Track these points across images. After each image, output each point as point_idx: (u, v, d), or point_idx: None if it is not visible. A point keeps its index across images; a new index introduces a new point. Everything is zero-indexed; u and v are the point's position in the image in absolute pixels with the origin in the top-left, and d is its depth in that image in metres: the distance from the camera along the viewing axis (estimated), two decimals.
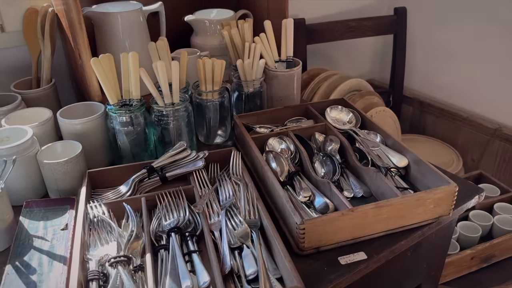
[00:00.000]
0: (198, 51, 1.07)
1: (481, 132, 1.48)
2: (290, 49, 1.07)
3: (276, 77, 1.03)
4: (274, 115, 0.99)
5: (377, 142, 0.85)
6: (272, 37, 1.04)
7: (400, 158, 0.81)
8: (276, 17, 1.14)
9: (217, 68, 0.93)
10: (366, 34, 1.54)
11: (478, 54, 1.46)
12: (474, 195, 0.79)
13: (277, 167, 0.79)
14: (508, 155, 1.42)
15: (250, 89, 0.98)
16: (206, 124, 0.96)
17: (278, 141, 0.88)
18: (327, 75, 1.40)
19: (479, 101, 1.51)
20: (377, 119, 1.30)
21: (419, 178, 0.78)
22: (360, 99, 1.30)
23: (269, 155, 0.81)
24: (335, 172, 0.80)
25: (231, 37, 0.99)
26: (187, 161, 0.81)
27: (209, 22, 1.09)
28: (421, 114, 1.67)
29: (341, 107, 0.96)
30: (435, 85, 1.64)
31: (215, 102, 0.94)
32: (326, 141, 0.89)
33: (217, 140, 0.99)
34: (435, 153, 1.52)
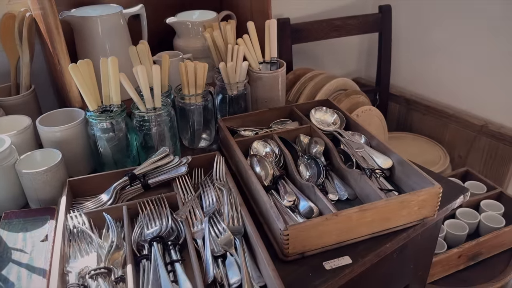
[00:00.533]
0: (181, 54, 1.06)
1: (467, 128, 1.48)
2: (274, 50, 1.06)
3: (260, 79, 1.02)
4: (259, 118, 0.98)
5: (361, 144, 0.85)
6: (256, 38, 1.03)
7: (384, 159, 0.80)
8: (260, 18, 1.13)
9: (200, 72, 0.91)
10: (351, 32, 1.54)
11: (464, 51, 1.46)
12: (459, 194, 0.79)
13: (261, 171, 0.78)
14: (495, 151, 1.43)
15: (234, 91, 0.97)
16: (190, 128, 0.95)
17: (262, 144, 0.87)
18: (313, 75, 1.39)
19: (466, 98, 1.51)
20: (363, 119, 1.30)
21: (404, 179, 0.77)
22: (346, 98, 1.30)
23: (253, 159, 0.80)
24: (320, 175, 0.80)
25: (213, 39, 0.98)
26: (170, 167, 0.80)
27: (191, 24, 1.08)
28: (407, 111, 1.67)
29: (326, 108, 0.96)
30: (421, 83, 1.64)
31: (199, 106, 0.93)
32: (311, 143, 0.88)
33: (202, 144, 0.98)
34: (422, 151, 1.53)
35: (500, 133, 1.39)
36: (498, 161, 1.43)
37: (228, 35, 0.98)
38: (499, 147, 1.41)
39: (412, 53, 1.63)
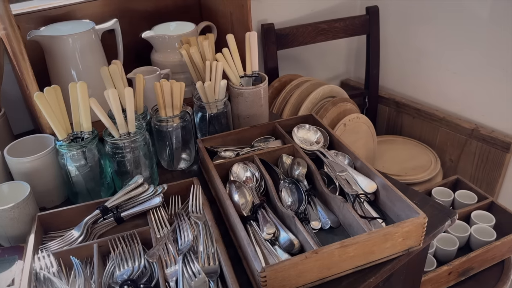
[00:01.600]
0: (158, 70, 1.02)
1: (458, 132, 1.45)
2: (255, 63, 1.02)
3: (241, 95, 0.98)
4: (241, 136, 0.94)
5: (344, 166, 0.81)
6: (236, 51, 0.99)
7: (368, 183, 0.77)
8: (241, 29, 1.09)
9: (176, 92, 0.87)
10: (338, 35, 1.50)
11: (454, 53, 1.43)
12: (446, 219, 0.76)
13: (240, 200, 0.75)
14: (486, 155, 1.40)
15: (213, 110, 0.93)
16: (168, 149, 0.91)
17: (243, 168, 0.84)
18: (299, 82, 1.35)
19: (456, 100, 1.48)
20: (351, 127, 1.27)
21: (388, 204, 0.74)
22: (333, 107, 1.26)
23: (232, 186, 0.77)
24: (302, 201, 0.77)
25: (190, 56, 0.94)
26: (144, 198, 0.77)
27: (168, 38, 1.03)
28: (397, 114, 1.64)
29: (309, 126, 0.92)
30: (411, 85, 1.60)
31: (176, 127, 0.89)
32: (294, 164, 0.85)
33: (181, 165, 0.94)
34: (413, 155, 1.50)
35: (491, 137, 1.36)
36: (490, 165, 1.40)
37: (205, 51, 0.94)
38: (490, 151, 1.38)
39: (401, 55, 1.60)
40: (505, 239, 1.01)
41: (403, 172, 1.41)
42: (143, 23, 1.12)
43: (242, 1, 1.03)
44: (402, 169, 1.42)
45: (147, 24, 1.11)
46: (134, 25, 1.11)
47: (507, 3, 1.24)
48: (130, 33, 1.09)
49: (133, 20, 1.11)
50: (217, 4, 1.14)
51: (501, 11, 1.26)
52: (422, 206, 0.78)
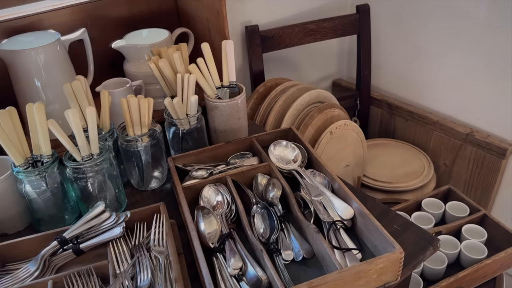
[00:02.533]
0: (129, 81, 0.96)
1: (452, 136, 1.39)
2: (233, 74, 0.96)
3: (216, 108, 0.93)
4: (215, 153, 0.89)
5: (321, 189, 0.76)
6: (212, 61, 0.94)
7: (345, 209, 0.72)
8: (218, 36, 1.04)
9: (144, 109, 0.83)
10: (327, 36, 1.43)
11: (448, 53, 1.36)
12: (427, 247, 0.71)
13: (207, 229, 0.70)
14: (481, 161, 1.34)
15: (185, 126, 0.88)
16: (137, 169, 0.86)
17: (214, 191, 0.79)
18: (285, 87, 1.30)
19: (450, 103, 1.42)
20: (338, 135, 1.21)
21: (365, 233, 0.69)
22: (319, 114, 1.20)
23: (199, 213, 0.72)
24: (275, 228, 0.72)
25: (160, 69, 0.88)
26: (106, 227, 0.72)
27: (140, 47, 0.98)
28: (390, 116, 1.58)
29: (286, 142, 0.87)
30: (404, 86, 1.54)
31: (146, 146, 0.84)
32: (269, 185, 0.80)
33: (153, 185, 0.89)
34: (405, 160, 1.44)
35: (487, 142, 1.30)
36: (485, 171, 1.34)
37: (176, 63, 0.88)
38: (485, 157, 1.32)
39: (393, 55, 1.53)
40: (496, 256, 0.96)
41: (394, 179, 1.36)
42: (116, 30, 1.06)
43: (218, 7, 0.98)
44: (393, 176, 1.37)
45: (120, 32, 1.06)
46: (107, 33, 1.06)
47: (504, 4, 1.17)
48: (103, 41, 1.03)
49: (105, 28, 1.06)
50: (193, 9, 1.08)
51: (498, 12, 1.19)
52: (402, 232, 0.74)
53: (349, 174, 1.32)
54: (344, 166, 1.29)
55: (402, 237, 0.73)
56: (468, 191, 1.42)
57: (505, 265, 1.00)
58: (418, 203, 1.15)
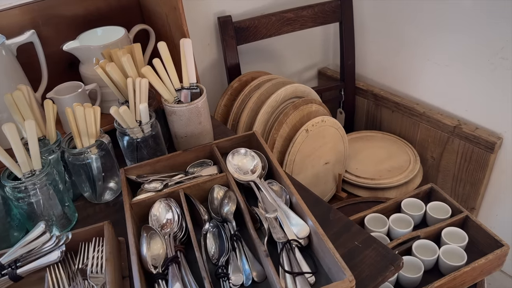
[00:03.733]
0: (82, 85, 0.91)
1: (439, 129, 1.32)
2: (193, 74, 0.90)
3: (174, 113, 0.87)
4: (172, 162, 0.84)
5: (278, 204, 0.71)
6: (170, 61, 0.88)
7: (301, 227, 0.67)
8: (177, 34, 0.97)
9: (89, 118, 0.77)
10: (306, 25, 1.35)
11: (435, 41, 1.28)
12: (388, 267, 0.66)
13: (149, 252, 0.65)
14: (469, 155, 1.28)
15: (138, 135, 0.83)
16: (88, 182, 0.81)
17: (165, 207, 0.74)
18: (260, 82, 1.23)
19: (438, 93, 1.34)
20: (315, 132, 1.15)
21: (320, 254, 0.64)
22: (294, 111, 1.14)
23: (143, 234, 0.67)
24: (225, 249, 0.67)
25: (108, 74, 0.82)
26: (47, 249, 0.68)
27: (93, 49, 0.91)
28: (376, 108, 1.51)
29: (245, 150, 0.81)
30: (390, 76, 1.46)
31: (95, 158, 0.79)
32: (224, 199, 0.75)
33: (107, 197, 0.85)
34: (390, 154, 1.38)
35: (474, 135, 1.23)
36: (474, 165, 1.28)
37: (126, 67, 0.82)
38: (473, 151, 1.26)
39: (378, 43, 1.45)
40: (475, 263, 0.90)
41: (378, 175, 1.30)
42: (72, 29, 1.00)
43: (174, 2, 0.91)
44: (377, 172, 1.31)
45: (77, 30, 0.99)
46: (61, 33, 0.99)
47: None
48: (58, 42, 0.97)
49: (60, 27, 0.99)
50: (153, 4, 1.01)
51: (486, 1, 1.10)
52: (364, 249, 0.69)
53: (329, 172, 1.26)
54: (324, 164, 1.23)
55: (363, 255, 0.68)
56: (457, 185, 1.36)
57: (486, 271, 0.95)
58: (398, 204, 1.09)
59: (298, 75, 1.62)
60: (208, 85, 1.36)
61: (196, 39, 1.27)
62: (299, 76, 1.62)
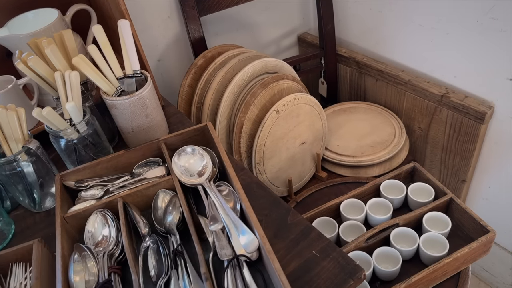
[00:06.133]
0: (13, 79, 0.81)
1: (426, 98, 1.22)
2: (135, 61, 0.80)
3: (115, 107, 0.78)
4: (116, 163, 0.75)
5: (226, 212, 0.63)
6: (108, 47, 0.77)
7: (250, 241, 0.59)
8: (117, 14, 0.86)
9: (13, 122, 0.68)
10: None
11: (420, 1, 1.15)
12: (347, 281, 0.58)
13: (78, 275, 0.58)
14: (458, 125, 1.18)
15: (72, 136, 0.73)
16: (24, 191, 0.74)
17: (101, 220, 0.66)
18: (226, 59, 1.12)
19: (424, 59, 1.22)
20: (287, 113, 1.05)
21: (270, 269, 0.57)
22: (263, 90, 1.04)
23: (72, 256, 0.60)
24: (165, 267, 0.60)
25: (33, 70, 0.72)
26: None
27: (23, 37, 0.81)
28: (360, 76, 1.39)
29: (193, 149, 0.72)
30: (373, 40, 1.34)
31: (26, 164, 0.71)
32: (169, 206, 0.67)
33: (48, 204, 0.77)
34: (374, 127, 1.28)
35: (463, 105, 1.12)
36: (463, 137, 1.18)
37: (51, 60, 0.72)
38: (463, 122, 1.15)
39: (360, 3, 1.31)
40: (457, 253, 0.83)
41: (360, 151, 1.21)
42: (2, 13, 0.89)
43: None
44: (359, 148, 1.22)
45: (10, 13, 0.88)
46: None
47: None
48: None
49: None
50: None
51: None
52: (322, 259, 0.62)
53: (306, 152, 1.17)
54: (300, 144, 1.14)
55: (320, 266, 0.60)
56: (447, 157, 1.27)
57: (470, 259, 0.87)
58: (377, 186, 1.00)
59: (276, 43, 1.49)
60: (173, 63, 1.25)
61: (154, 12, 1.15)
62: (277, 45, 1.50)
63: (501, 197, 1.24)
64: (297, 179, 1.19)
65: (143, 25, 1.15)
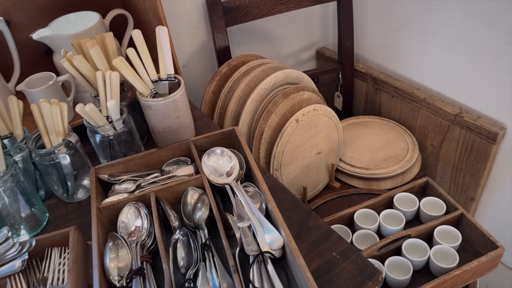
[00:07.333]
0: (54, 76, 0.86)
1: (440, 117, 1.26)
2: (170, 65, 0.85)
3: (149, 107, 0.82)
4: (147, 160, 0.80)
5: (253, 210, 0.66)
6: (145, 51, 0.82)
7: (275, 238, 0.63)
8: (154, 21, 0.91)
9: (55, 115, 0.73)
10: (301, 4, 1.27)
11: (438, 22, 1.19)
12: (366, 282, 0.62)
13: (113, 263, 0.62)
14: (470, 144, 1.21)
15: (109, 132, 0.78)
16: (59, 182, 0.78)
17: (134, 212, 0.70)
18: (250, 68, 1.17)
19: (440, 78, 1.27)
20: (306, 122, 1.10)
21: (293, 268, 0.61)
22: (284, 100, 1.08)
23: (107, 244, 0.64)
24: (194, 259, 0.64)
25: (77, 68, 0.77)
26: (11, 256, 0.65)
27: (66, 37, 0.86)
28: (375, 92, 1.43)
29: (222, 150, 0.76)
30: (390, 58, 1.38)
31: (63, 157, 0.75)
32: (198, 203, 0.71)
33: (80, 195, 0.81)
34: (388, 142, 1.32)
35: (476, 125, 1.16)
36: (474, 156, 1.22)
37: (94, 60, 0.77)
38: (475, 141, 1.19)
39: (379, 22, 1.36)
40: (467, 266, 0.86)
41: (373, 164, 1.25)
42: (46, 14, 0.94)
43: None
44: (372, 161, 1.26)
45: (51, 15, 0.93)
46: (35, 18, 0.94)
47: None
48: (31, 28, 0.91)
49: (32, 12, 0.93)
50: None
51: None
52: (342, 261, 0.65)
53: (321, 162, 1.21)
54: (316, 154, 1.18)
55: (340, 267, 0.64)
56: (457, 175, 1.30)
57: (478, 273, 0.91)
58: (390, 198, 1.04)
59: (295, 56, 1.54)
60: (197, 69, 1.30)
61: (183, 20, 1.21)
62: (296, 57, 1.55)
63: (509, 217, 1.27)
64: (311, 187, 1.23)
65: (171, 32, 1.20)
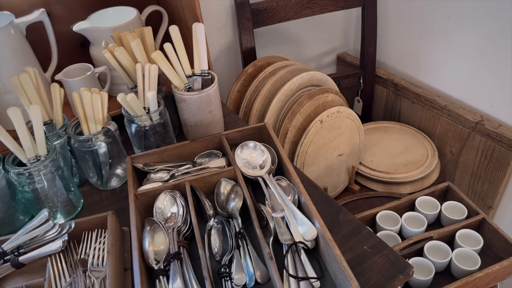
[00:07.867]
0: (91, 68, 0.89)
1: (460, 124, 1.27)
2: (204, 61, 0.87)
3: (183, 101, 0.85)
4: (180, 151, 0.82)
5: (285, 202, 0.68)
6: (181, 46, 0.84)
7: (308, 229, 0.65)
8: (190, 17, 0.94)
9: (96, 104, 0.75)
10: (326, 9, 1.30)
11: (461, 30, 1.21)
12: (397, 276, 0.63)
13: (151, 246, 0.64)
14: (490, 153, 1.22)
15: (146, 122, 0.80)
16: (94, 169, 0.80)
17: (170, 200, 0.72)
18: (275, 69, 1.19)
19: (461, 86, 1.28)
20: (330, 124, 1.11)
21: (326, 258, 0.62)
22: (309, 100, 1.10)
23: (145, 228, 0.66)
24: (229, 247, 0.65)
25: (117, 59, 0.80)
26: (50, 237, 0.67)
27: (104, 30, 0.89)
28: (396, 98, 1.45)
29: (255, 144, 0.78)
30: (412, 65, 1.40)
31: (101, 145, 0.77)
32: (231, 193, 0.73)
33: (113, 183, 0.84)
34: (407, 147, 1.33)
35: (497, 133, 1.18)
36: (494, 163, 1.23)
37: (135, 52, 0.79)
38: (495, 149, 1.20)
39: (402, 29, 1.38)
40: (489, 269, 0.87)
41: (393, 168, 1.26)
42: (84, 8, 0.97)
43: None
44: (392, 165, 1.27)
45: (89, 9, 0.96)
46: (73, 11, 0.97)
47: None
48: (69, 20, 0.94)
49: (71, 5, 0.97)
50: None
51: None
52: (373, 255, 0.66)
53: (342, 164, 1.22)
54: (337, 156, 1.20)
55: (371, 260, 0.65)
56: (475, 183, 1.31)
57: (500, 277, 0.91)
58: (412, 201, 1.05)
59: (316, 60, 1.57)
60: (222, 69, 1.33)
61: (211, 20, 1.23)
62: (318, 61, 1.57)
63: None
64: (332, 188, 1.24)
65: None
